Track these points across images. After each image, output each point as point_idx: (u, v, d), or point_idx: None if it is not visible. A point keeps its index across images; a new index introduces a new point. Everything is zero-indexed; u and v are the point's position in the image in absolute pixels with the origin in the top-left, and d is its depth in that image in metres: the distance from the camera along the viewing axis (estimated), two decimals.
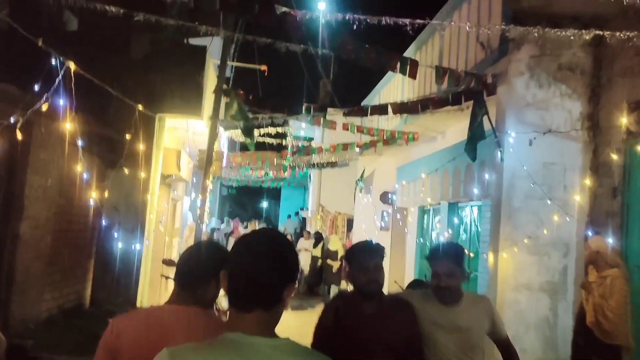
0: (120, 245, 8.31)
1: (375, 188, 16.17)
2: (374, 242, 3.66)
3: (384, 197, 15.10)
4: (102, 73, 6.81)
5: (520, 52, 6.85)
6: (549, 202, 6.57)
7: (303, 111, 9.61)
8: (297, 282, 2.08)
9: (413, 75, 5.88)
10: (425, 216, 13.38)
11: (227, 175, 17.16)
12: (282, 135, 15.58)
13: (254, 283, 1.83)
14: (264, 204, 40.18)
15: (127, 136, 7.89)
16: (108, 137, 8.44)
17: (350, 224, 18.62)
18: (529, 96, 6.85)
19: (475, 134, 7.15)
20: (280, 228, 23.48)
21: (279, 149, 15.24)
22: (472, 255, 9.13)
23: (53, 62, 5.09)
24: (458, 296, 3.65)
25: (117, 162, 8.12)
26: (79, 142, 5.68)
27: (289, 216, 27.69)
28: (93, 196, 6.64)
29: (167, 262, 8.97)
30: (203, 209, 8.80)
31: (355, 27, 5.27)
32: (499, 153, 6.85)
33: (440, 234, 10.83)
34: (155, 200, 9.21)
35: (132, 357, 2.43)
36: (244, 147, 15.10)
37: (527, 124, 6.81)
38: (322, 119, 10.34)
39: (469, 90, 7.38)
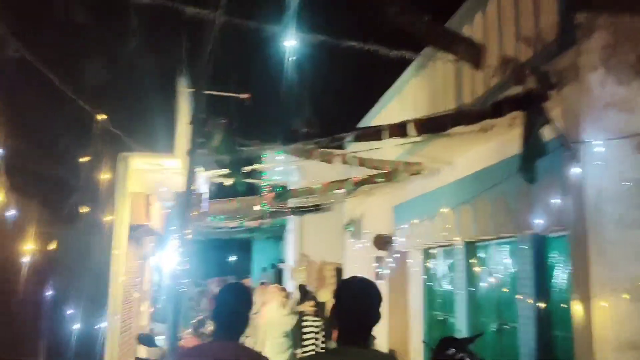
0: (78, 319, 6.35)
1: (366, 232, 14.52)
2: None
3: (379, 242, 13.40)
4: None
5: (592, 42, 5.37)
6: None
7: (297, 140, 7.95)
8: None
9: (477, 64, 4.31)
10: (433, 260, 11.72)
11: (200, 225, 15.27)
12: (256, 176, 13.90)
13: (358, 321, 2.90)
14: (233, 258, 37.77)
15: (84, 177, 6.20)
16: (57, 178, 6.59)
17: (339, 274, 16.81)
18: (607, 95, 5.34)
19: (533, 150, 5.60)
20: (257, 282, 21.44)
21: (259, 192, 13.49)
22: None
23: None
24: None
25: (71, 211, 6.29)
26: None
27: (264, 269, 25.75)
28: (40, 256, 4.91)
29: (145, 340, 6.76)
30: (183, 265, 6.97)
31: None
32: (575, 169, 5.28)
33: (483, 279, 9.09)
34: (124, 259, 7.25)
35: None
36: (217, 194, 13.26)
37: (609, 130, 5.26)
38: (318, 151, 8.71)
39: (516, 96, 5.85)
